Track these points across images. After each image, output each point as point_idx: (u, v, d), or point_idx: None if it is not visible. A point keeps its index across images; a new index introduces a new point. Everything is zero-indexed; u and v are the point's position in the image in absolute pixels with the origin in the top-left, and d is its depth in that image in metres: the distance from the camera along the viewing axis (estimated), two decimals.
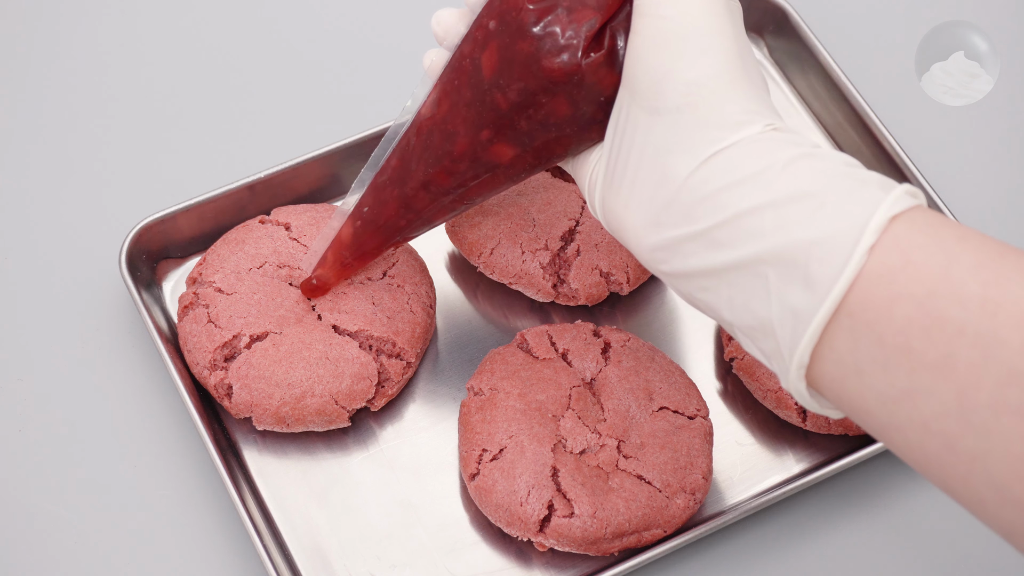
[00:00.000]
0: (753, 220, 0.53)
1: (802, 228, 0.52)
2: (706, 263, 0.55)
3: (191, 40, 0.94)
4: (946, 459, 0.49)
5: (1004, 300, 0.48)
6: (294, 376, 0.75)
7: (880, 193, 0.51)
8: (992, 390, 0.47)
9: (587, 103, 0.61)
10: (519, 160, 0.66)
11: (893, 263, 0.50)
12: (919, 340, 0.49)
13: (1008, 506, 0.48)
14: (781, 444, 0.79)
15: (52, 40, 0.93)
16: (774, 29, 0.92)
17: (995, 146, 0.92)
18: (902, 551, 0.77)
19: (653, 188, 0.57)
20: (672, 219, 0.56)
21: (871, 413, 0.52)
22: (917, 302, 0.49)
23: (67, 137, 0.90)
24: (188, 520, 0.76)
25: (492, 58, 0.62)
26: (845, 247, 0.50)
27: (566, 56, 0.59)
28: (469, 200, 0.70)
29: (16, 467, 0.78)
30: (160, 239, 0.82)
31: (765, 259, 0.53)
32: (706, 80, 0.56)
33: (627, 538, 0.72)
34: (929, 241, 0.50)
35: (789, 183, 0.53)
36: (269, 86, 0.92)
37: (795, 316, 0.52)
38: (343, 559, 0.74)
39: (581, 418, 0.75)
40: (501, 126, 0.64)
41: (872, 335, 0.50)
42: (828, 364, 0.52)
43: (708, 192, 0.55)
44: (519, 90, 0.62)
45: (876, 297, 0.50)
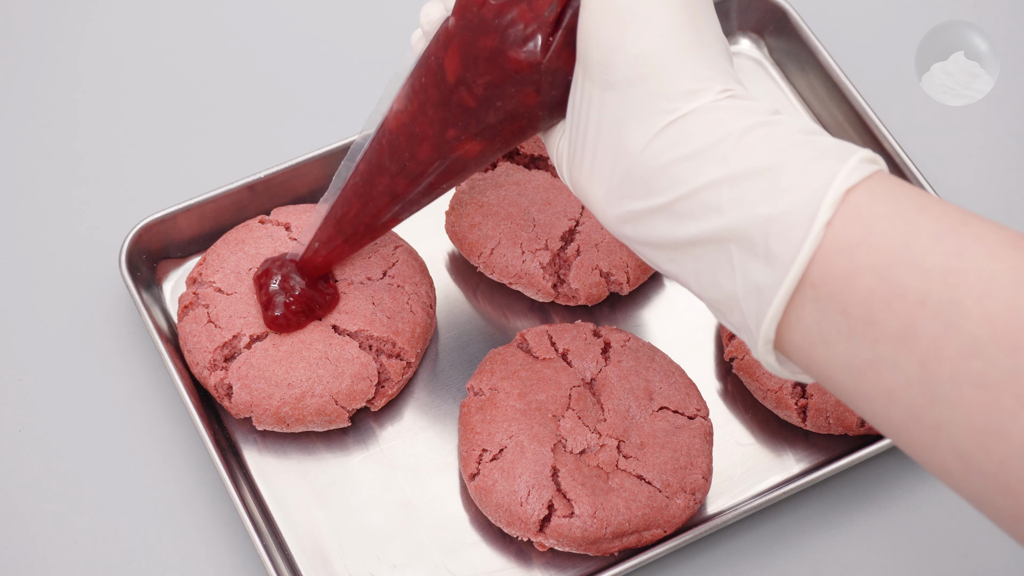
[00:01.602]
0: (711, 195, 0.53)
1: (759, 204, 0.51)
2: (670, 235, 0.55)
3: (192, 40, 0.94)
4: (911, 428, 0.49)
5: (966, 270, 0.47)
6: (294, 376, 0.75)
7: (836, 164, 0.51)
8: (954, 361, 0.47)
9: (554, 87, 0.60)
10: (488, 151, 0.66)
11: (854, 235, 0.50)
12: (881, 311, 0.49)
13: (973, 475, 0.48)
14: (781, 444, 0.79)
15: (53, 41, 0.93)
16: (774, 29, 0.92)
17: (995, 146, 0.92)
18: (902, 551, 0.77)
19: (612, 161, 0.57)
20: (633, 192, 0.56)
21: (838, 381, 0.52)
22: (878, 273, 0.49)
23: (67, 137, 0.90)
24: (188, 520, 0.76)
25: (454, 59, 0.62)
26: (802, 223, 0.50)
27: (531, 46, 0.59)
28: (441, 189, 0.70)
29: (16, 467, 0.78)
30: (160, 239, 0.82)
31: (725, 236, 0.52)
32: (654, 51, 0.55)
33: (627, 538, 0.72)
34: (890, 211, 0.50)
35: (745, 156, 0.52)
36: (269, 86, 0.92)
37: (759, 292, 0.52)
38: (343, 559, 0.74)
39: (581, 418, 0.75)
40: (468, 124, 0.64)
41: (836, 306, 0.50)
42: (795, 334, 0.52)
43: (664, 164, 0.54)
44: (485, 84, 0.61)
45: (838, 269, 0.50)
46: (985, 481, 0.48)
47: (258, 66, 0.93)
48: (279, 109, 0.92)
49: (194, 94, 0.92)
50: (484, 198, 0.82)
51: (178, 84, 0.92)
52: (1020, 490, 0.47)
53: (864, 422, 0.76)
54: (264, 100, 0.92)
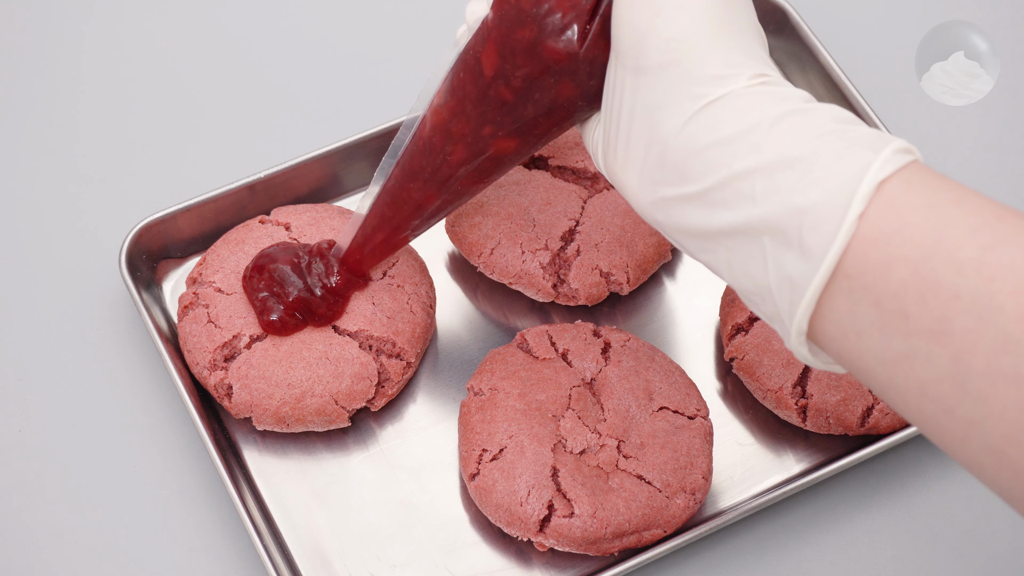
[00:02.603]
0: (744, 184, 0.53)
1: (792, 195, 0.51)
2: (702, 224, 0.55)
3: (193, 40, 0.94)
4: (943, 422, 0.49)
5: (1001, 265, 0.47)
6: (294, 376, 0.75)
7: (870, 154, 0.50)
8: (988, 357, 0.47)
9: (591, 77, 0.61)
10: (523, 147, 0.66)
11: (888, 226, 0.49)
12: (915, 304, 0.48)
13: (1006, 470, 0.48)
14: (781, 444, 0.79)
15: (53, 41, 0.93)
16: (774, 29, 0.92)
17: (995, 146, 0.92)
18: (902, 551, 0.77)
19: (645, 147, 0.57)
20: (666, 178, 0.56)
21: (871, 373, 0.51)
22: (913, 266, 0.49)
23: (67, 137, 0.90)
24: (188, 520, 0.76)
25: (491, 54, 0.62)
26: (835, 215, 0.50)
27: (568, 35, 0.59)
28: (473, 191, 0.70)
29: (16, 467, 0.78)
30: (160, 239, 0.82)
31: (758, 226, 0.52)
32: (686, 35, 0.55)
33: (627, 538, 0.72)
34: (924, 203, 0.49)
35: (777, 145, 0.52)
36: (270, 86, 0.92)
37: (791, 283, 0.52)
38: (343, 559, 0.74)
39: (581, 418, 0.75)
40: (504, 120, 0.64)
41: (869, 298, 0.50)
42: (828, 324, 0.52)
43: (697, 150, 0.54)
44: (523, 77, 0.61)
45: (872, 261, 0.49)
46: (1017, 476, 0.47)
47: (258, 66, 0.93)
48: (279, 109, 0.92)
49: (194, 94, 0.92)
50: (484, 198, 0.82)
51: (178, 84, 0.92)
52: None
53: (864, 422, 0.76)
54: (264, 100, 0.92)
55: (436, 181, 0.70)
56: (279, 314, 0.76)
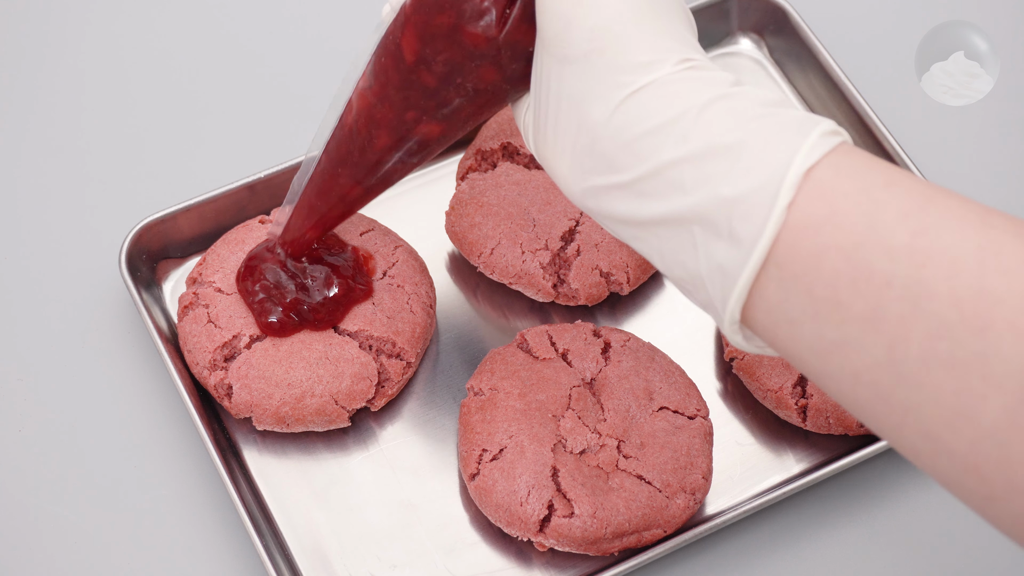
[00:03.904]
0: (673, 174, 0.52)
1: (721, 185, 0.51)
2: (632, 213, 0.54)
3: (193, 40, 0.94)
4: (879, 409, 0.49)
5: (932, 250, 0.47)
6: (294, 376, 0.75)
7: (797, 139, 0.50)
8: (922, 342, 0.47)
9: (514, 61, 0.60)
10: (448, 131, 0.65)
11: (818, 214, 0.49)
12: (847, 292, 0.48)
13: (942, 456, 0.48)
14: (781, 444, 0.79)
15: (54, 41, 0.93)
16: (774, 29, 0.92)
17: (995, 146, 0.92)
18: (902, 551, 0.77)
19: (574, 135, 0.56)
20: (595, 167, 0.55)
21: (804, 361, 0.51)
22: (844, 254, 0.48)
23: (67, 137, 0.90)
24: (188, 520, 0.76)
25: (411, 39, 0.61)
26: (764, 204, 0.50)
27: (487, 20, 0.58)
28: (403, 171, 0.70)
29: (16, 467, 0.78)
30: (160, 239, 0.82)
31: (688, 216, 0.52)
32: (609, 24, 0.54)
33: (627, 538, 0.72)
34: (854, 188, 0.49)
35: (705, 133, 0.52)
36: (270, 86, 0.92)
37: (723, 272, 0.51)
38: (343, 559, 0.74)
39: (581, 418, 0.75)
40: (428, 105, 0.63)
41: (801, 287, 0.49)
42: (759, 313, 0.51)
43: (626, 140, 0.54)
44: (444, 62, 0.61)
45: (803, 249, 0.49)
46: (954, 462, 0.47)
47: (258, 66, 0.93)
48: (279, 109, 0.92)
49: (194, 94, 0.92)
50: (484, 198, 0.82)
51: (179, 84, 0.92)
52: (989, 471, 0.46)
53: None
54: (264, 100, 0.92)
55: (363, 167, 0.69)
56: (278, 316, 0.76)
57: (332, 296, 0.77)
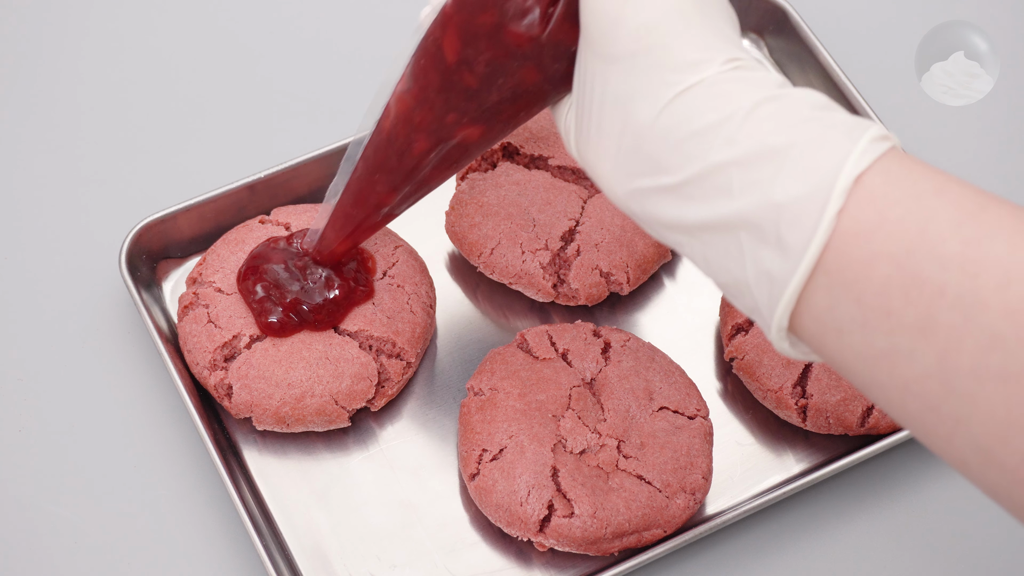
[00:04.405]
0: (720, 177, 0.51)
1: (769, 190, 0.50)
2: (678, 217, 0.54)
3: (193, 41, 0.94)
4: (928, 420, 0.48)
5: (985, 260, 0.46)
6: (294, 376, 0.75)
7: (847, 143, 0.49)
8: (974, 354, 0.46)
9: (556, 61, 0.59)
10: (488, 134, 0.65)
11: (869, 221, 0.48)
12: (898, 301, 0.48)
13: (992, 468, 0.47)
14: (781, 444, 0.79)
15: (53, 41, 0.93)
16: (774, 29, 0.92)
17: (995, 146, 0.92)
18: (902, 551, 0.77)
19: (618, 136, 0.55)
20: (641, 168, 0.55)
21: (852, 370, 0.51)
22: (896, 262, 0.48)
23: (68, 137, 0.90)
24: (188, 520, 0.76)
25: (453, 40, 0.61)
26: (814, 211, 0.49)
27: (530, 18, 0.58)
28: (441, 178, 0.69)
29: (16, 467, 0.78)
30: (160, 239, 0.82)
31: (735, 221, 0.51)
32: (656, 22, 0.53)
33: (627, 538, 0.72)
34: (905, 195, 0.48)
35: (752, 136, 0.51)
36: (270, 86, 0.92)
37: (770, 279, 0.51)
38: (343, 559, 0.74)
39: (581, 418, 0.75)
40: (468, 107, 0.63)
41: (850, 295, 0.49)
42: (807, 321, 0.51)
43: (673, 141, 0.53)
44: (486, 62, 0.60)
45: (853, 257, 0.48)
46: (1004, 474, 0.47)
47: (258, 66, 0.93)
48: (279, 109, 0.92)
49: (194, 94, 0.92)
50: (484, 198, 0.82)
51: (178, 84, 0.92)
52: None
53: (864, 422, 0.76)
54: (264, 100, 0.92)
55: (401, 172, 0.69)
56: (278, 316, 0.76)
57: (332, 297, 0.77)
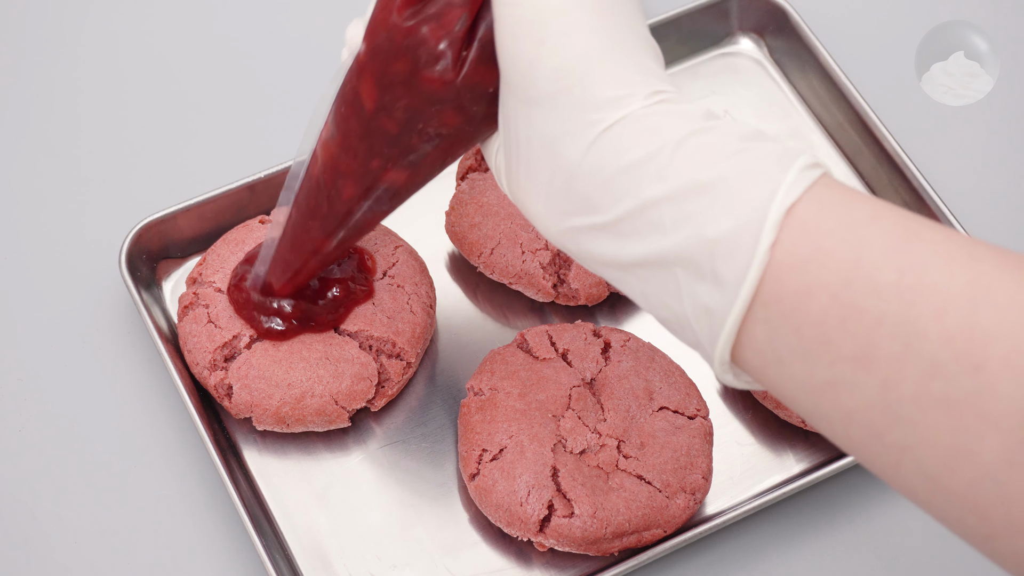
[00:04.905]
0: (652, 214, 0.51)
1: (702, 225, 0.49)
2: (613, 254, 0.53)
3: (192, 41, 0.94)
4: (874, 448, 0.48)
5: (921, 287, 0.46)
6: (294, 376, 0.75)
7: (777, 173, 0.49)
8: (915, 382, 0.46)
9: (475, 103, 0.58)
10: (415, 178, 0.64)
11: (803, 252, 0.48)
12: (837, 332, 0.47)
13: (940, 495, 0.47)
14: (781, 444, 0.79)
15: (53, 41, 0.93)
16: (774, 29, 0.92)
17: (995, 146, 0.92)
18: (902, 551, 0.77)
19: (548, 177, 0.55)
20: (573, 207, 0.54)
21: (796, 400, 0.50)
22: (832, 292, 0.47)
23: (67, 138, 0.90)
24: (188, 520, 0.76)
25: (369, 87, 0.60)
26: (747, 244, 0.48)
27: (443, 64, 0.57)
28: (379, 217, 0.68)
29: (16, 467, 0.78)
30: (160, 239, 0.82)
31: (670, 258, 0.51)
32: (573, 63, 0.52)
33: (627, 538, 0.72)
34: (838, 224, 0.48)
35: (682, 171, 0.50)
36: (270, 86, 0.92)
37: (709, 313, 0.50)
38: (343, 559, 0.74)
39: (581, 418, 0.75)
40: (391, 152, 0.62)
41: (789, 326, 0.48)
42: (748, 353, 0.50)
43: (602, 179, 0.52)
44: (404, 108, 0.59)
45: (789, 288, 0.48)
46: (952, 501, 0.47)
47: (258, 66, 0.93)
48: (279, 109, 0.92)
49: (194, 94, 0.92)
50: (484, 198, 0.82)
51: (178, 84, 0.92)
52: (989, 510, 0.46)
53: None
54: (264, 100, 0.92)
55: (333, 218, 0.68)
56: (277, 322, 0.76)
57: (331, 299, 0.77)
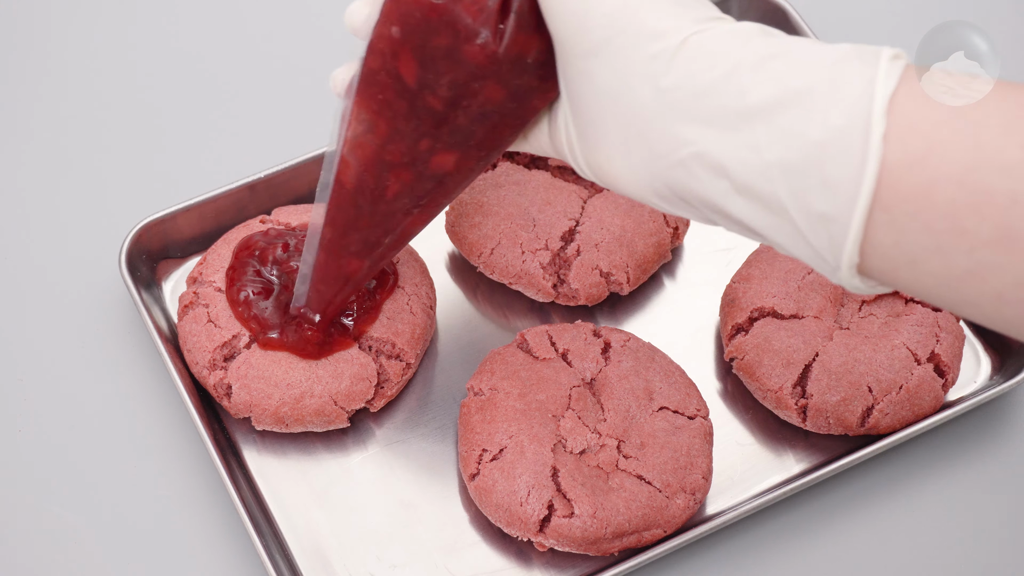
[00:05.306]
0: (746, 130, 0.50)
1: (804, 131, 0.49)
2: (709, 186, 0.52)
3: (192, 40, 0.94)
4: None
5: None
6: (293, 376, 0.75)
7: (867, 69, 0.48)
8: None
9: (517, 76, 0.59)
10: (464, 162, 0.64)
11: (916, 148, 0.47)
12: (971, 219, 0.47)
13: None
14: (781, 444, 0.79)
15: (54, 43, 0.94)
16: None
17: None
18: (902, 551, 0.77)
19: (623, 127, 0.54)
20: (655, 149, 0.53)
21: (934, 294, 0.50)
22: (957, 181, 0.47)
23: (67, 137, 0.90)
24: (188, 520, 0.76)
25: (409, 64, 0.60)
26: (858, 140, 0.48)
27: (483, 37, 0.57)
28: (423, 219, 0.68)
29: (16, 468, 0.78)
30: (160, 239, 0.82)
31: (774, 173, 0.50)
32: (622, 5, 0.53)
33: (627, 538, 0.72)
34: (945, 114, 0.47)
35: (768, 83, 0.50)
36: (269, 86, 0.92)
37: (826, 222, 0.49)
38: (343, 559, 0.74)
39: (581, 418, 0.75)
40: (440, 132, 0.62)
41: (917, 224, 0.48)
42: (875, 260, 0.50)
43: (683, 107, 0.52)
44: (448, 84, 0.59)
45: (910, 187, 0.47)
46: None
47: (258, 66, 0.93)
48: (279, 109, 0.92)
49: (194, 94, 0.92)
50: (484, 198, 0.82)
51: (178, 84, 0.92)
52: None
53: (864, 422, 0.76)
54: (264, 100, 0.92)
55: (375, 226, 0.67)
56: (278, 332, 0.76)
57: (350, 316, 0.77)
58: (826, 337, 0.77)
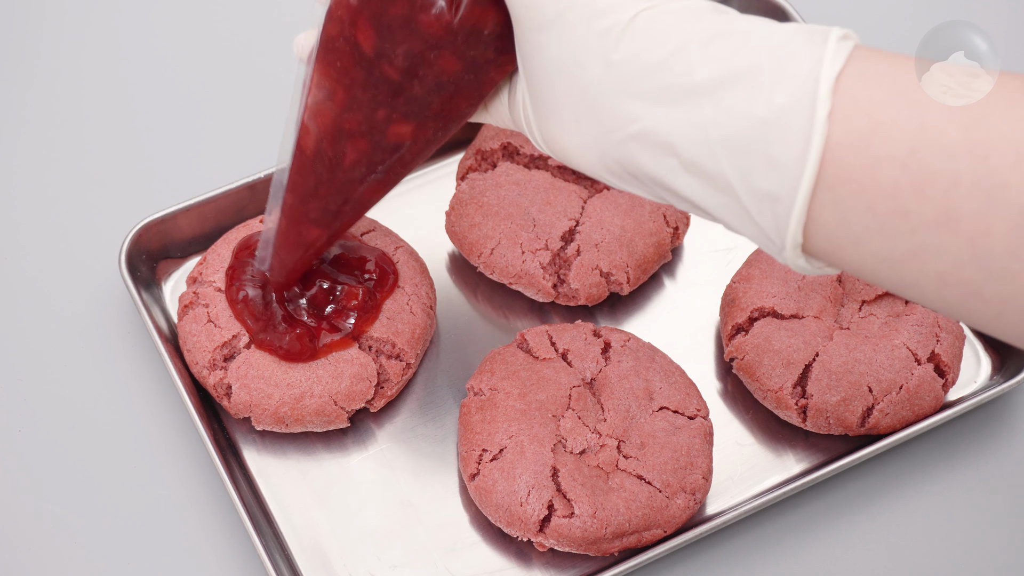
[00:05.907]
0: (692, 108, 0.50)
1: (749, 109, 0.49)
2: (657, 163, 0.52)
3: (192, 41, 0.94)
4: (972, 305, 0.48)
5: (991, 140, 0.46)
6: (293, 376, 0.75)
7: (814, 48, 0.48)
8: (1005, 234, 0.46)
9: (472, 47, 0.59)
10: (420, 133, 0.64)
11: (860, 128, 0.47)
12: (913, 200, 0.47)
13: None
14: (781, 444, 0.79)
15: (53, 42, 0.94)
16: None
17: None
18: (902, 551, 0.77)
19: (574, 102, 0.54)
20: (604, 124, 0.53)
21: (878, 275, 0.50)
22: (900, 162, 0.47)
23: (67, 137, 0.90)
24: (188, 520, 0.76)
25: (367, 31, 0.60)
26: (803, 119, 0.48)
27: (440, 6, 0.58)
28: (381, 190, 0.68)
29: (16, 468, 0.78)
30: (160, 239, 0.82)
31: (719, 152, 0.50)
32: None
33: (627, 538, 0.72)
34: (890, 95, 0.48)
35: (715, 61, 0.50)
36: (270, 86, 0.92)
37: (772, 200, 0.50)
38: (343, 559, 0.74)
39: (581, 418, 0.75)
40: (396, 101, 0.62)
41: (860, 204, 0.48)
42: (819, 240, 0.50)
43: (630, 84, 0.52)
44: (404, 54, 0.60)
45: (853, 166, 0.48)
46: None
47: (258, 66, 0.93)
48: (279, 109, 0.91)
49: (194, 94, 0.92)
50: (484, 198, 0.82)
51: (178, 84, 0.92)
52: None
53: (864, 422, 0.76)
54: (264, 100, 0.92)
55: (334, 194, 0.67)
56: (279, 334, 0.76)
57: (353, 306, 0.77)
58: (826, 337, 0.77)
